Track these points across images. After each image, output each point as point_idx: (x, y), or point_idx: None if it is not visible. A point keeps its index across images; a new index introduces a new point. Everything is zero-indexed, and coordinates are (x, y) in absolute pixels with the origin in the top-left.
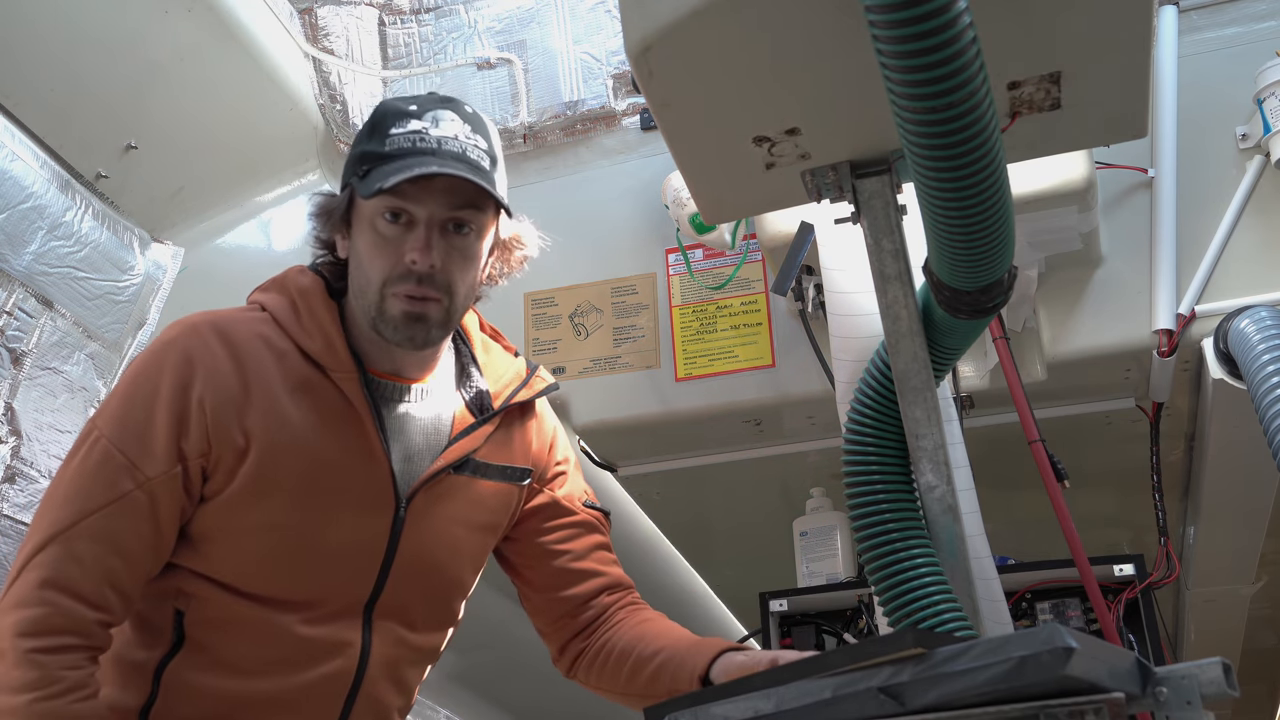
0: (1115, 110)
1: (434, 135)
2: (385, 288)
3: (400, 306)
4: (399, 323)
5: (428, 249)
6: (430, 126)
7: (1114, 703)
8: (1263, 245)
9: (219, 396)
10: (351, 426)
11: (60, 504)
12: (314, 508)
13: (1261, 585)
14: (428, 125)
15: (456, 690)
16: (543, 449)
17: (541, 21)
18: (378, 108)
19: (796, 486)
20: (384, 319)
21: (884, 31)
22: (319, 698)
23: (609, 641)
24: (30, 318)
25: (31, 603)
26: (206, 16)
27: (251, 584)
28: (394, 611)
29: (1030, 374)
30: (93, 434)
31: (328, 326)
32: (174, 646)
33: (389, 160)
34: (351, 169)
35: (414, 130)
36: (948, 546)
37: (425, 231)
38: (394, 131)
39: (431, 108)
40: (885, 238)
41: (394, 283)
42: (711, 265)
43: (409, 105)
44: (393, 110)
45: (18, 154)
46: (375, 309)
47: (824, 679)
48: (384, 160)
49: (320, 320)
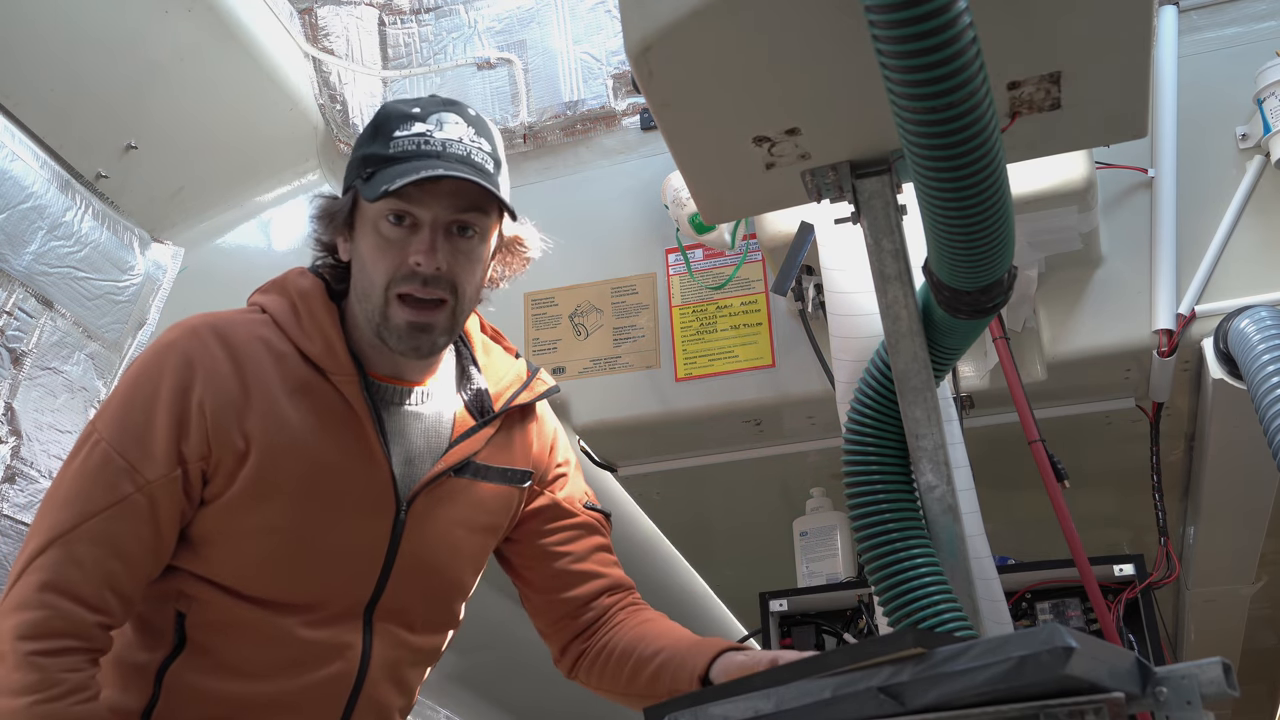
0: (1115, 110)
1: (438, 138)
2: (389, 289)
3: (405, 316)
4: (404, 332)
5: (433, 251)
6: (434, 129)
7: (1114, 703)
8: (1263, 245)
9: (219, 399)
10: (352, 430)
11: (60, 506)
12: (314, 511)
13: (1261, 585)
14: (432, 128)
15: (457, 690)
16: (543, 451)
17: (541, 21)
18: (381, 110)
19: (796, 486)
20: (388, 327)
21: (884, 31)
22: (320, 700)
23: (610, 642)
24: (30, 318)
25: (32, 605)
26: (206, 16)
27: (252, 587)
28: (394, 614)
29: (1030, 374)
30: (92, 436)
31: (328, 329)
32: (175, 649)
33: (393, 163)
34: (354, 171)
35: (418, 133)
36: (948, 546)
37: (430, 234)
38: (398, 134)
39: (435, 110)
40: (885, 238)
41: (398, 284)
42: (711, 265)
43: (412, 108)
44: (396, 113)
45: (18, 154)
46: (379, 314)
47: (824, 679)
48: (388, 163)
49: (320, 323)
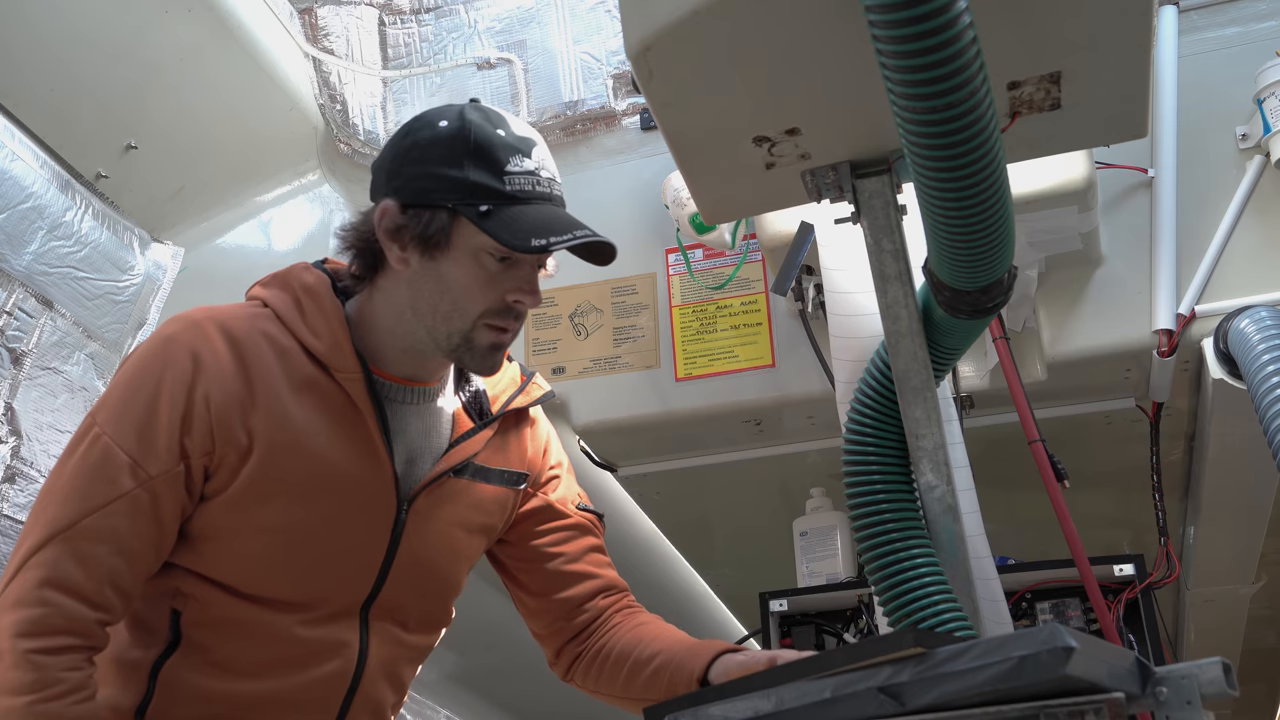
0: (1115, 110)
1: (545, 178)
2: (481, 319)
3: (491, 338)
4: (485, 352)
5: (536, 293)
6: (539, 167)
7: (1114, 703)
8: (1263, 245)
9: (223, 394)
10: (355, 428)
11: (59, 502)
12: (316, 508)
13: (1261, 585)
14: (536, 165)
15: (457, 690)
16: (537, 453)
17: (541, 21)
18: (468, 129)
19: (796, 486)
20: (470, 347)
21: (884, 31)
22: (317, 699)
23: (605, 645)
24: (30, 318)
25: (31, 603)
26: (206, 16)
27: (251, 584)
28: (390, 612)
29: (1030, 374)
30: (92, 430)
31: (334, 326)
32: (169, 646)
33: (515, 202)
34: (460, 194)
35: (529, 171)
36: (948, 546)
37: (531, 273)
38: (511, 170)
39: (526, 138)
40: (885, 238)
41: (492, 316)
42: (711, 265)
43: (498, 132)
44: (496, 141)
45: (18, 154)
46: (461, 337)
47: (824, 679)
48: (509, 200)
49: (328, 319)
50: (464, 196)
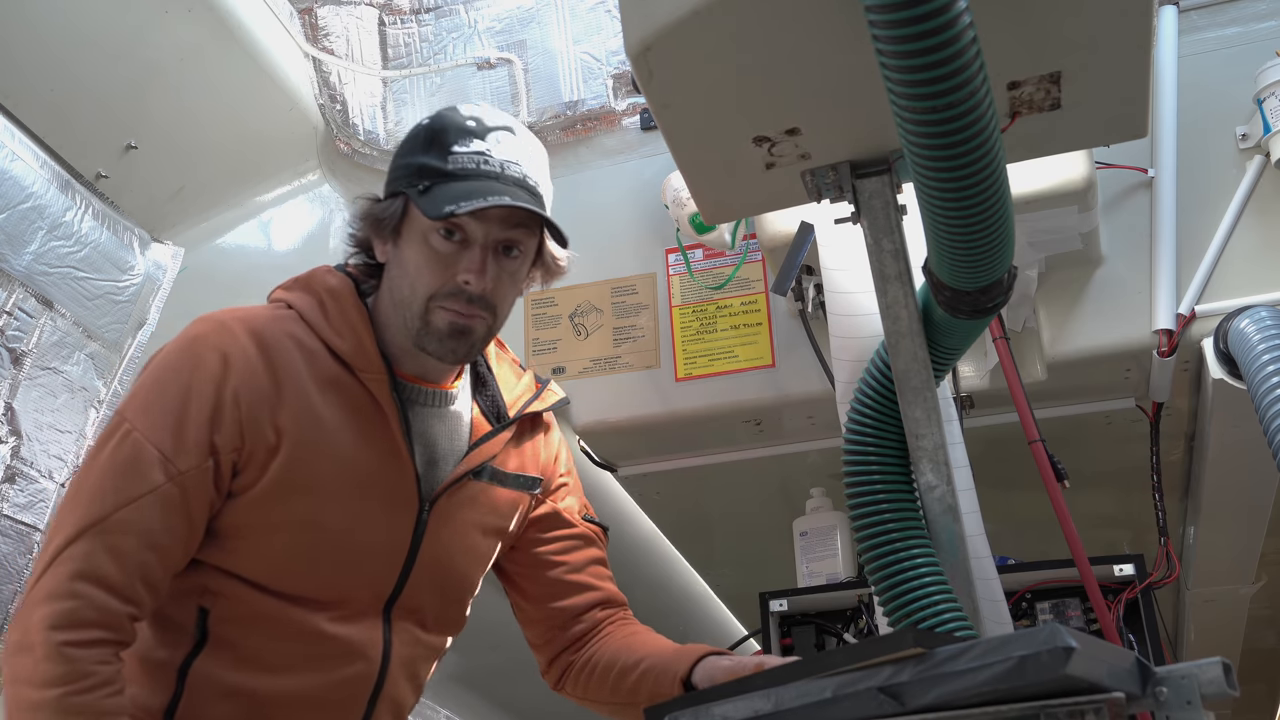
0: (1115, 110)
1: (497, 158)
2: (432, 301)
3: (447, 319)
4: (444, 335)
5: (483, 272)
6: (492, 148)
7: (1114, 702)
8: (1263, 245)
9: (253, 392)
10: (379, 428)
11: (91, 497)
12: (342, 506)
13: (1261, 585)
14: (490, 146)
15: (458, 690)
16: (550, 460)
17: (541, 21)
18: (436, 118)
19: (796, 486)
20: (428, 331)
21: (884, 31)
22: (344, 698)
23: (596, 654)
24: (30, 318)
25: (63, 595)
26: (206, 16)
27: (278, 581)
28: (410, 612)
29: (1030, 374)
30: (122, 426)
31: (359, 327)
32: (197, 645)
33: (453, 179)
34: (407, 178)
35: (477, 151)
36: (948, 546)
37: (481, 253)
38: (457, 149)
39: (493, 128)
40: (885, 238)
41: (442, 298)
42: (711, 265)
43: (467, 121)
44: (454, 126)
45: (18, 154)
46: (419, 320)
47: (824, 679)
48: (448, 178)
49: (351, 320)
50: (412, 179)
